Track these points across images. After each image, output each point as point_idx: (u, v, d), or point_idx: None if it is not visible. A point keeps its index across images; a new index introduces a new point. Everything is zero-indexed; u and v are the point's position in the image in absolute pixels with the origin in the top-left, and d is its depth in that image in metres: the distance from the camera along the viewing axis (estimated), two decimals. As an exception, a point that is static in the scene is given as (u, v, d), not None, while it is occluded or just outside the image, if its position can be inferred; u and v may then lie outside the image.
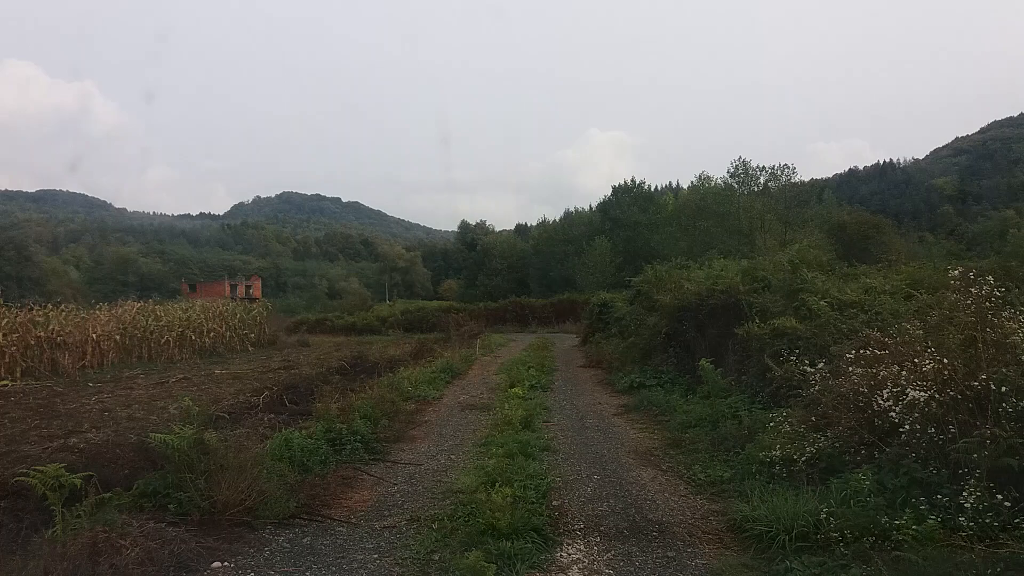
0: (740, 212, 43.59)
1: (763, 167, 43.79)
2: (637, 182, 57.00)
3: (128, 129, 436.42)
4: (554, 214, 65.79)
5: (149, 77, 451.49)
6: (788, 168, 43.58)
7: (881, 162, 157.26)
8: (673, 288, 15.82)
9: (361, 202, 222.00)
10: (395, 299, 68.21)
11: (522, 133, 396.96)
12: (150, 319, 32.89)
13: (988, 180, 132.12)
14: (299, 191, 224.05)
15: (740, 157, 43.97)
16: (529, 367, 17.37)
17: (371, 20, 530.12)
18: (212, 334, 36.90)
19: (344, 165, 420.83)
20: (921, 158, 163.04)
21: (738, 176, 43.67)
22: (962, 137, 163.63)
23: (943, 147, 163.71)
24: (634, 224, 53.63)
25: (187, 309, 37.26)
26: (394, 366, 20.80)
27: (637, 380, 14.28)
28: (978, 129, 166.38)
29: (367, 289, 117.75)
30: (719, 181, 45.20)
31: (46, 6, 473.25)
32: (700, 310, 14.60)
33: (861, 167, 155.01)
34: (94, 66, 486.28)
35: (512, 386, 14.05)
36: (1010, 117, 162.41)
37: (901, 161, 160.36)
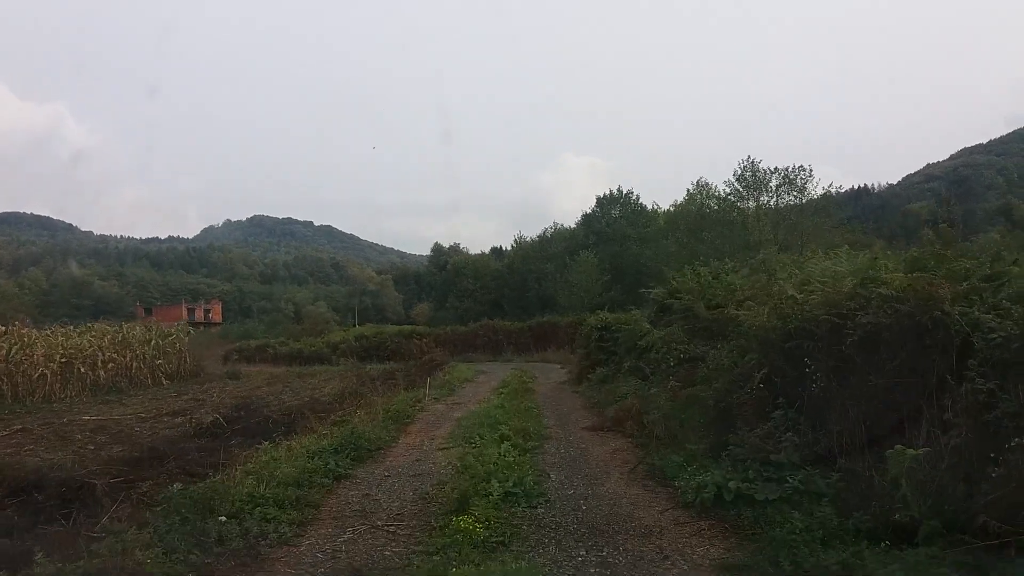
0: (751, 222, 36.36)
1: (775, 168, 36.61)
2: (624, 191, 50.30)
3: (98, 152, 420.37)
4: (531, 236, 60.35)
5: (120, 101, 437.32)
6: (804, 171, 36.48)
7: (856, 187, 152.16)
8: (773, 296, 8.21)
9: (334, 226, 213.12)
10: (350, 325, 59.82)
11: (499, 157, 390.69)
12: (14, 347, 24.85)
13: (963, 205, 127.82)
14: (270, 214, 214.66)
15: (749, 157, 36.96)
16: (501, 433, 9.55)
17: (351, 42, 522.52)
18: (111, 365, 28.84)
19: (317, 189, 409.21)
20: (895, 183, 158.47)
21: (745, 179, 36.49)
22: (933, 164, 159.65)
23: (915, 173, 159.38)
24: (622, 238, 46.02)
25: (80, 334, 29.22)
26: (293, 422, 13.09)
27: (729, 482, 6.49)
28: (948, 156, 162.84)
29: (335, 313, 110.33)
30: (723, 187, 37.94)
31: (16, 26, 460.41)
32: (839, 337, 7.07)
33: (835, 192, 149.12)
34: (65, 88, 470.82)
35: (464, 504, 6.21)
36: (979, 144, 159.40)
37: (875, 186, 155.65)
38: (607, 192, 49.11)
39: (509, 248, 61.53)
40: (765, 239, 36.16)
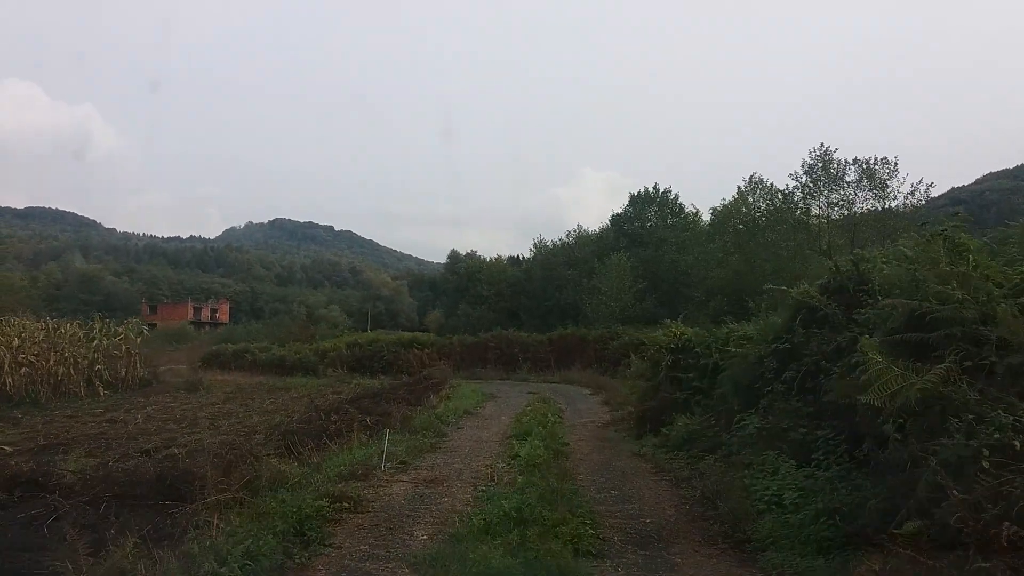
0: (819, 224, 29.19)
1: (855, 159, 29.27)
2: (661, 190, 41.65)
3: (126, 153, 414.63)
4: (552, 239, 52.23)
5: (148, 104, 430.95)
6: (887, 164, 29.24)
7: (882, 207, 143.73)
8: None
9: (354, 231, 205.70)
10: (343, 330, 52.45)
11: (520, 168, 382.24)
12: None
13: (992, 230, 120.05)
14: (292, 218, 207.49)
15: (822, 145, 29.57)
16: None
17: (375, 49, 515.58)
18: (24, 370, 22.24)
19: (338, 194, 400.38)
20: (920, 206, 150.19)
21: (815, 173, 29.20)
22: (958, 187, 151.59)
23: (940, 196, 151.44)
24: (658, 241, 38.59)
25: (-16, 331, 22.65)
26: (92, 525, 6.07)
27: None
28: (974, 180, 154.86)
29: (348, 317, 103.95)
30: (788, 182, 30.37)
31: (51, 27, 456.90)
32: None
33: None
34: (96, 90, 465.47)
35: None
36: (1006, 169, 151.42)
37: (901, 208, 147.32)
38: (641, 190, 41.78)
39: (528, 256, 53.79)
40: (837, 243, 28.95)
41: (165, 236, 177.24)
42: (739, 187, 33.55)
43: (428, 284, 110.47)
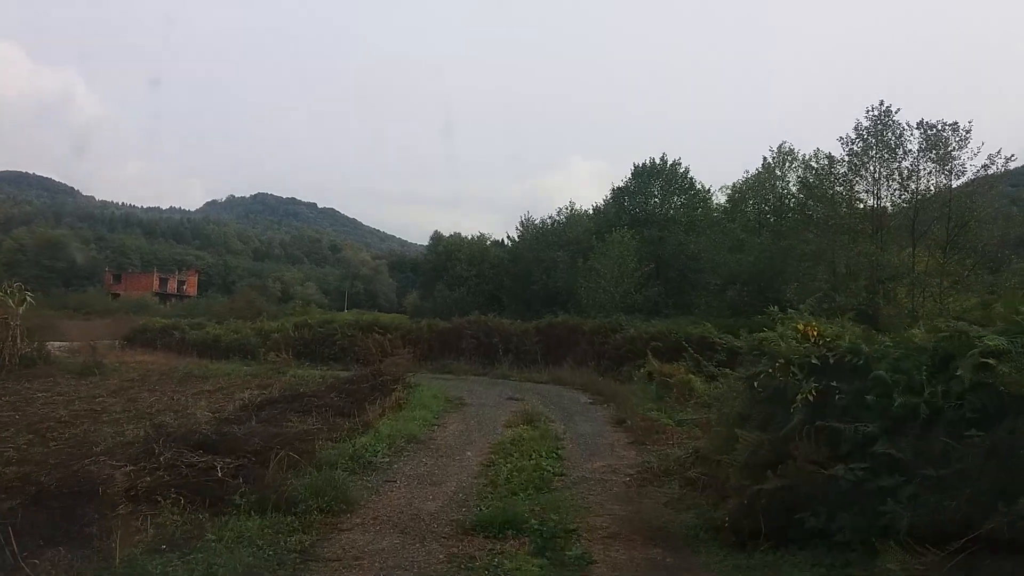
0: (872, 204, 23.69)
1: (921, 121, 23.40)
2: (668, 161, 34.91)
3: (109, 121, 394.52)
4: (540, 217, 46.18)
5: (132, 72, 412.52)
6: (956, 131, 23.50)
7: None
8: None
9: (337, 209, 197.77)
10: (300, 308, 46.16)
11: (505, 157, 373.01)
12: None
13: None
14: (275, 193, 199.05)
15: (882, 103, 23.84)
16: None
17: (369, 26, 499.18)
18: None
19: (322, 172, 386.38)
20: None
21: (865, 139, 23.47)
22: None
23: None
24: (666, 220, 32.82)
25: None
26: None
27: None
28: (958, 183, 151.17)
29: (325, 296, 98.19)
30: (837, 148, 24.48)
31: None
32: None
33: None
34: (81, 56, 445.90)
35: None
36: (995, 174, 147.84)
37: (889, 208, 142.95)
38: (646, 161, 35.62)
39: (515, 239, 47.01)
40: (891, 226, 23.53)
41: (145, 206, 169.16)
42: (765, 158, 27.82)
43: (409, 265, 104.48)
